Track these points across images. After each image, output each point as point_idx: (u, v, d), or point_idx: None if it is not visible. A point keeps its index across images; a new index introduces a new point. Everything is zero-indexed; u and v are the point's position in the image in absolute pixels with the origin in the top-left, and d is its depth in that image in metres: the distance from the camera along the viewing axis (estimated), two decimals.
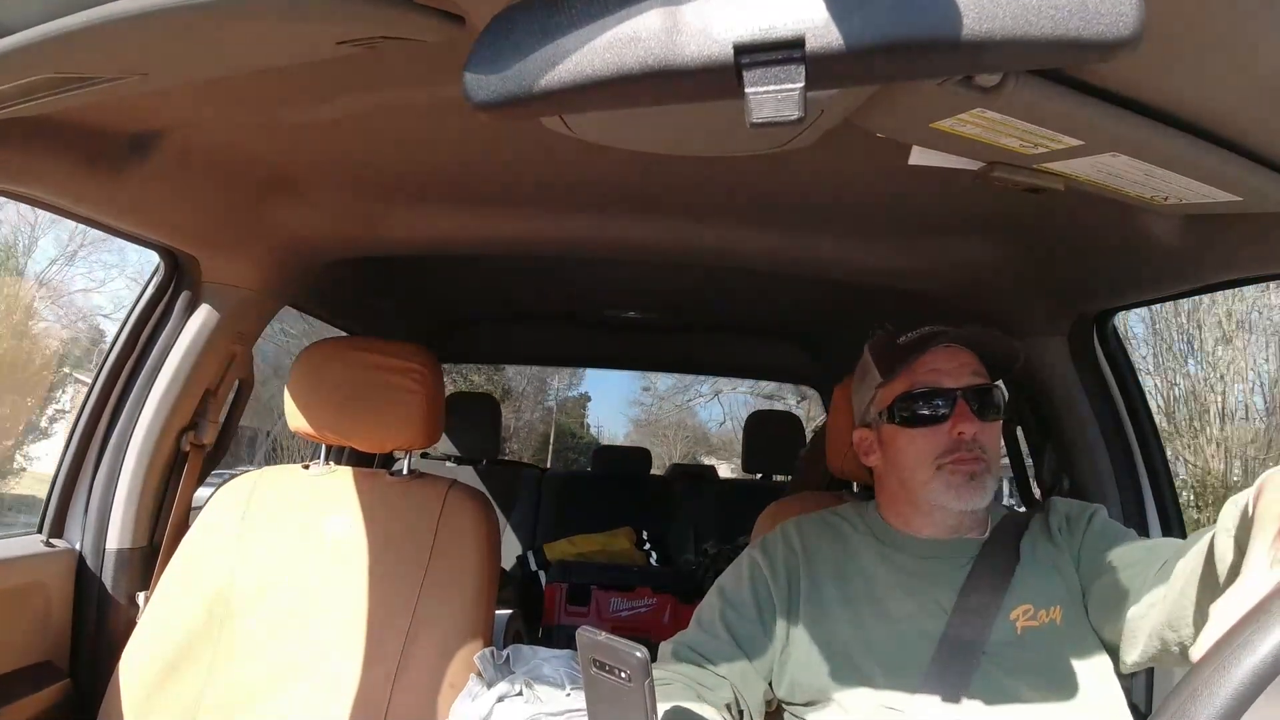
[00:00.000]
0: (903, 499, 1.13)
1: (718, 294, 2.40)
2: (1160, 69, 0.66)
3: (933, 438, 1.07)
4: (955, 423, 1.05)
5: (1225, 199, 0.87)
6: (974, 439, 1.06)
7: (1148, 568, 0.96)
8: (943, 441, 1.06)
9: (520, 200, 1.42)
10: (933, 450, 1.07)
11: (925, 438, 1.07)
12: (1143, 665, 0.97)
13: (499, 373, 14.14)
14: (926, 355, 1.08)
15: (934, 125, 0.75)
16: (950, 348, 1.09)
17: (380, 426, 1.45)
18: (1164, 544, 1.01)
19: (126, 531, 1.48)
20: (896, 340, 1.12)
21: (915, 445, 1.08)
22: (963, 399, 1.06)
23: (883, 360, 1.12)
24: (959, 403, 1.06)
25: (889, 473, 1.14)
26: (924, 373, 1.08)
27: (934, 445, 1.07)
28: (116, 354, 1.49)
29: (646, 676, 0.71)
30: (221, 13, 0.61)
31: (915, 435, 1.08)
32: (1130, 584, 0.97)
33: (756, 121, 0.45)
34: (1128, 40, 0.45)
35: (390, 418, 1.44)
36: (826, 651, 1.04)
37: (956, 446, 1.06)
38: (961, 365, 1.08)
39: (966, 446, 1.05)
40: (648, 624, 2.58)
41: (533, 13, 0.49)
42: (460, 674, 1.32)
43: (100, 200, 1.17)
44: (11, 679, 1.29)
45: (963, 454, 1.05)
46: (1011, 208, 1.23)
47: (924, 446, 1.07)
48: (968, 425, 1.05)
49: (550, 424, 18.40)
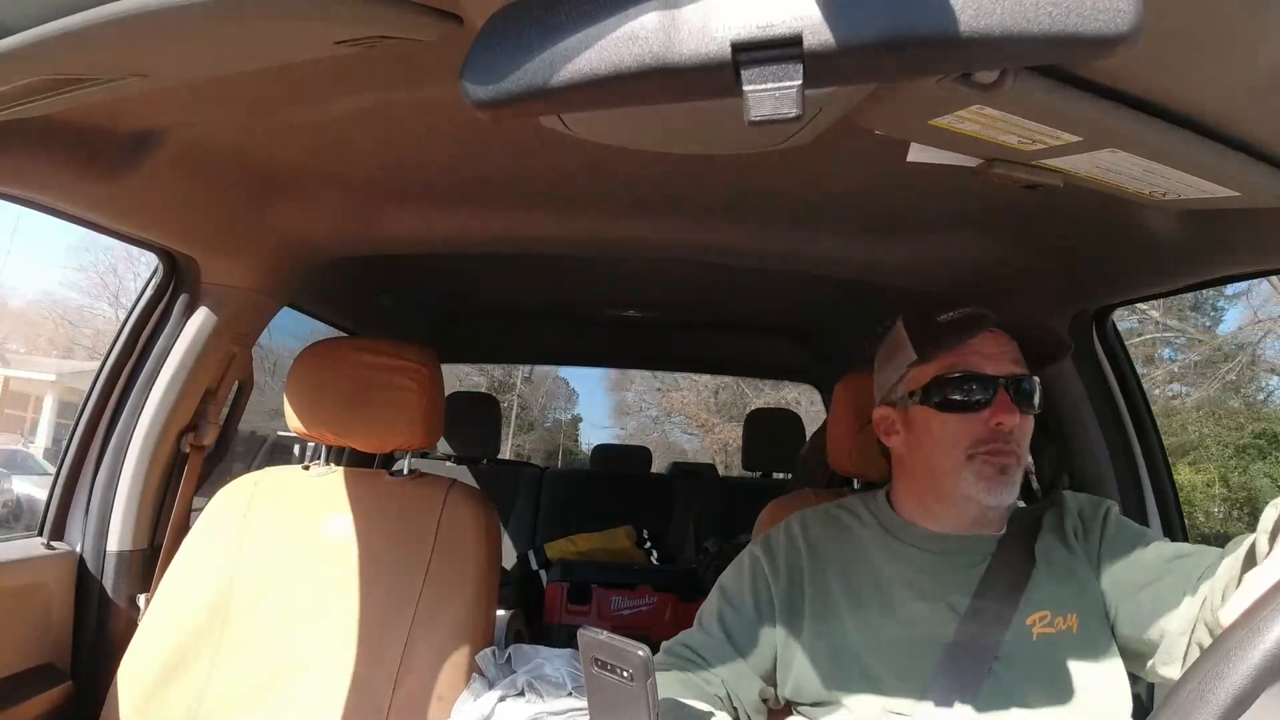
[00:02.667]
0: (926, 485, 1.08)
1: (717, 292, 2.40)
2: (1159, 65, 0.66)
3: (968, 425, 1.02)
4: (995, 412, 1.01)
5: (1223, 194, 0.87)
6: (1010, 431, 1.01)
7: (1182, 579, 0.93)
8: (978, 430, 1.01)
9: (519, 199, 1.42)
10: (966, 438, 1.02)
11: (960, 424, 1.02)
12: (1179, 677, 0.94)
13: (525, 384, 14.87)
14: (968, 340, 1.03)
15: (932, 122, 0.75)
16: (995, 333, 1.04)
17: (380, 426, 1.45)
18: (1193, 551, 0.98)
19: (127, 533, 1.48)
20: (937, 319, 1.06)
21: (948, 431, 1.03)
22: (1004, 388, 1.01)
23: (921, 338, 1.06)
24: (1000, 392, 1.01)
25: (913, 456, 1.09)
26: (966, 355, 1.03)
27: (968, 433, 1.02)
28: (116, 356, 1.49)
29: (648, 676, 0.71)
30: (220, 13, 0.61)
31: (949, 420, 1.03)
32: (1167, 596, 0.94)
33: (755, 119, 0.45)
34: (1126, 36, 0.45)
35: (390, 417, 1.44)
36: (832, 652, 1.02)
37: (992, 437, 1.01)
38: (1004, 353, 1.03)
39: (1003, 438, 1.01)
40: (649, 623, 2.58)
41: (530, 11, 0.49)
42: (462, 674, 1.33)
43: (99, 202, 1.17)
44: (13, 681, 1.29)
45: (999, 444, 1.01)
46: (1010, 204, 1.23)
47: (958, 433, 1.02)
48: (1007, 416, 1.00)
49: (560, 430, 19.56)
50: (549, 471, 3.53)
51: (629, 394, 19.58)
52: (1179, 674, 0.92)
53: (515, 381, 18.65)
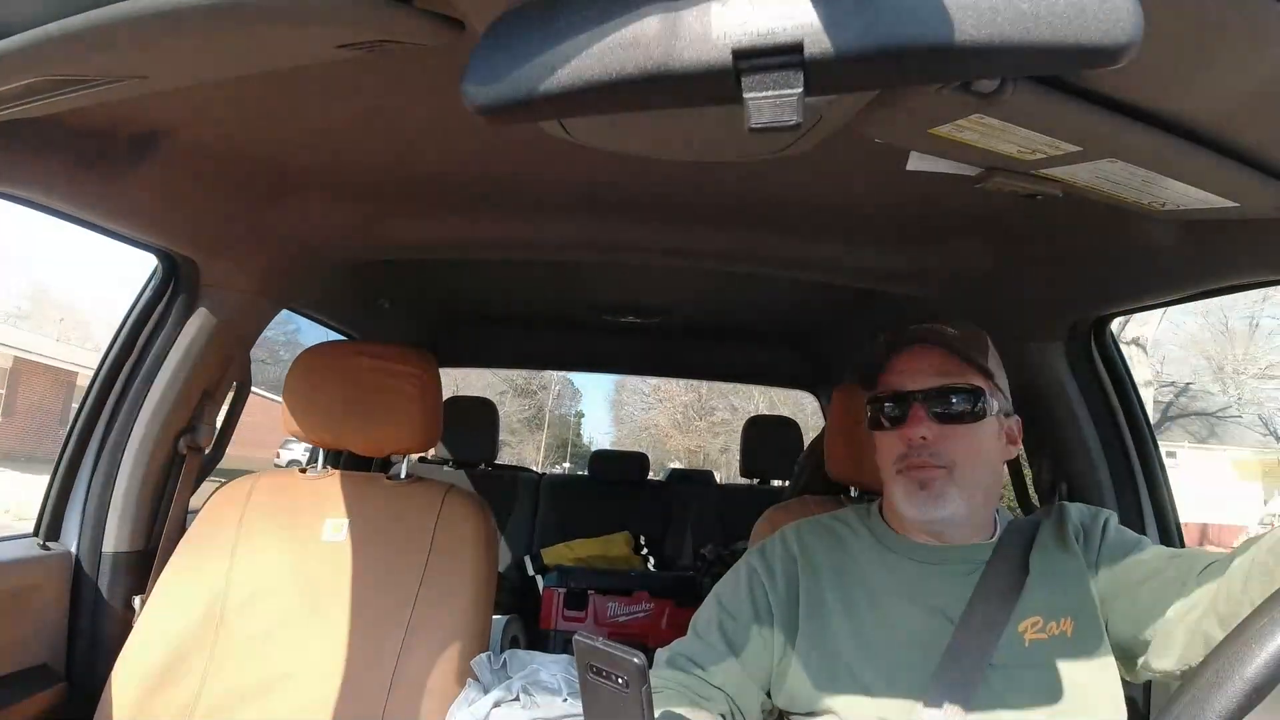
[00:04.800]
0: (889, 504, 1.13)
1: (716, 298, 2.41)
2: (1159, 75, 0.66)
3: (890, 441, 1.07)
4: (907, 427, 1.04)
5: (1222, 205, 0.87)
6: (928, 444, 1.03)
7: (1184, 571, 0.95)
8: (898, 445, 1.05)
9: (519, 204, 1.42)
10: (890, 454, 1.06)
11: (885, 441, 1.08)
12: (1177, 670, 0.94)
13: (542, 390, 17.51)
14: (893, 358, 1.08)
15: (932, 131, 0.75)
16: (919, 348, 1.07)
17: (378, 430, 1.45)
18: (1193, 551, 1.00)
19: (123, 535, 1.47)
20: (877, 347, 1.12)
21: (880, 450, 1.10)
22: (918, 402, 1.04)
23: (866, 367, 1.12)
24: (913, 406, 1.04)
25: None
26: (889, 376, 1.08)
27: (892, 449, 1.06)
28: (114, 357, 1.48)
29: (644, 683, 0.70)
30: (222, 15, 0.61)
31: (879, 439, 1.10)
32: (1165, 589, 0.96)
33: (755, 126, 0.45)
34: (1126, 46, 0.45)
35: (388, 421, 1.44)
36: (827, 661, 1.02)
37: (910, 451, 1.04)
38: (927, 366, 1.06)
39: (916, 452, 1.03)
40: (645, 629, 2.58)
41: (532, 17, 0.49)
42: (457, 679, 1.32)
43: (99, 203, 1.17)
44: (7, 682, 1.28)
45: (913, 459, 1.03)
46: (1010, 213, 1.24)
47: (884, 451, 1.08)
48: (916, 429, 1.03)
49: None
50: (546, 477, 3.52)
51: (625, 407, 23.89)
52: (1174, 665, 0.92)
53: (534, 387, 21.95)
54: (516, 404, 27.87)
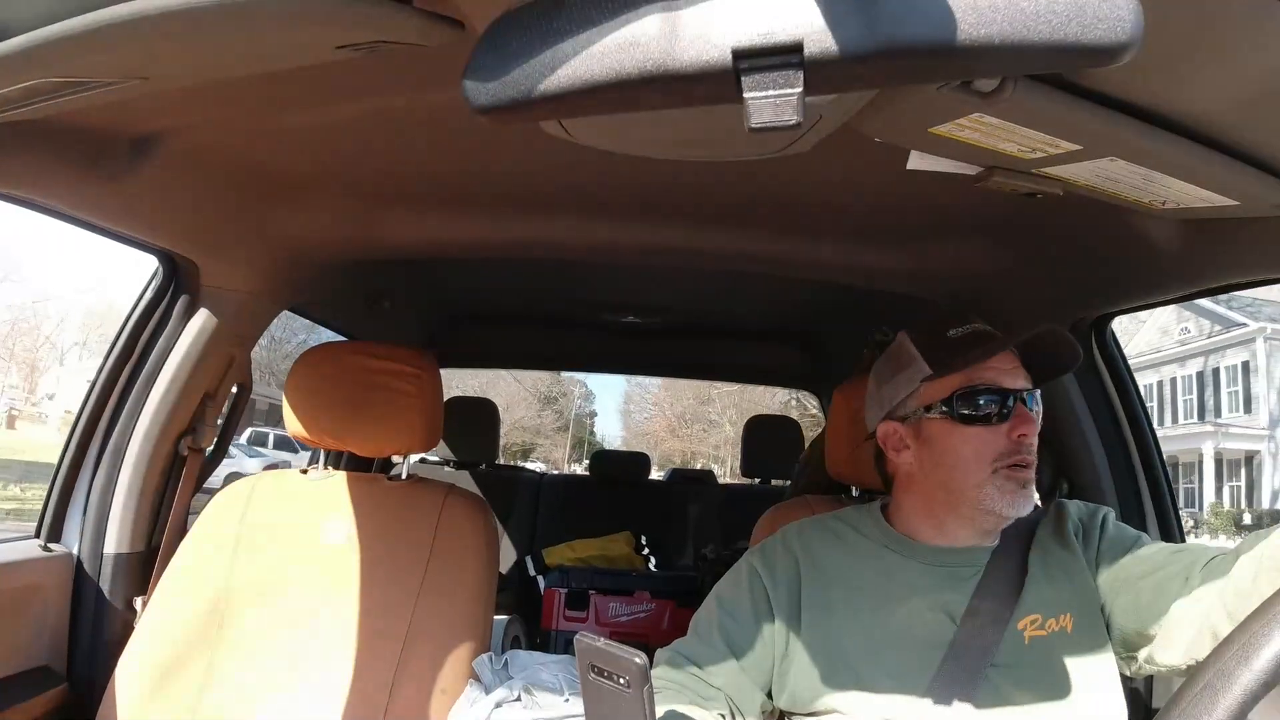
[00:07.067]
0: (939, 499, 1.07)
1: (717, 298, 2.40)
2: (1158, 73, 0.66)
3: (991, 438, 1.03)
4: (1016, 425, 1.02)
5: (1223, 203, 0.87)
6: (1028, 444, 1.03)
7: (1187, 566, 0.94)
8: (1001, 443, 1.02)
9: (520, 204, 1.42)
10: (991, 451, 1.02)
11: (982, 437, 1.03)
12: (1182, 664, 0.94)
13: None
14: (988, 356, 1.04)
15: (932, 130, 0.75)
16: (1005, 353, 1.06)
17: (379, 430, 1.45)
18: (1195, 546, 1.00)
19: (124, 536, 1.47)
20: (946, 334, 1.07)
21: (970, 445, 1.03)
22: (1021, 402, 1.04)
23: (935, 353, 1.07)
24: (1019, 405, 1.03)
25: (926, 470, 1.08)
26: (983, 371, 1.04)
27: (992, 446, 1.03)
28: (115, 358, 1.48)
29: (645, 683, 0.70)
30: (221, 16, 0.61)
31: (971, 434, 1.03)
32: (1168, 583, 0.95)
33: (755, 126, 0.45)
34: (1126, 45, 0.45)
35: (389, 422, 1.44)
36: (828, 661, 1.02)
37: (1016, 449, 1.02)
38: (1016, 368, 1.05)
39: (1024, 450, 1.03)
40: (647, 629, 2.58)
41: (532, 17, 0.49)
42: (458, 679, 1.32)
43: (99, 204, 1.17)
44: (9, 684, 1.28)
45: (1021, 456, 1.02)
46: (1010, 212, 1.23)
47: (980, 446, 1.03)
48: (1029, 428, 1.02)
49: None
50: (547, 477, 3.52)
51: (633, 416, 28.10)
52: (1179, 660, 0.92)
53: (555, 394, 25.14)
54: (550, 412, 31.58)
